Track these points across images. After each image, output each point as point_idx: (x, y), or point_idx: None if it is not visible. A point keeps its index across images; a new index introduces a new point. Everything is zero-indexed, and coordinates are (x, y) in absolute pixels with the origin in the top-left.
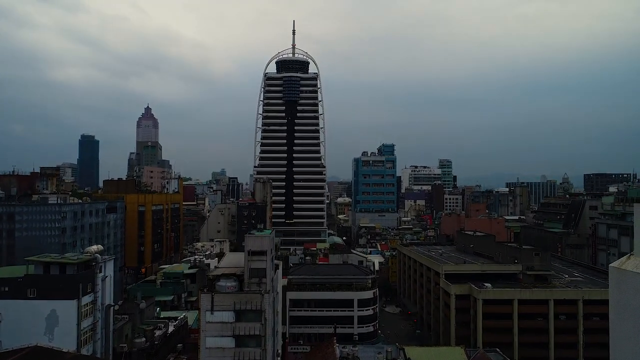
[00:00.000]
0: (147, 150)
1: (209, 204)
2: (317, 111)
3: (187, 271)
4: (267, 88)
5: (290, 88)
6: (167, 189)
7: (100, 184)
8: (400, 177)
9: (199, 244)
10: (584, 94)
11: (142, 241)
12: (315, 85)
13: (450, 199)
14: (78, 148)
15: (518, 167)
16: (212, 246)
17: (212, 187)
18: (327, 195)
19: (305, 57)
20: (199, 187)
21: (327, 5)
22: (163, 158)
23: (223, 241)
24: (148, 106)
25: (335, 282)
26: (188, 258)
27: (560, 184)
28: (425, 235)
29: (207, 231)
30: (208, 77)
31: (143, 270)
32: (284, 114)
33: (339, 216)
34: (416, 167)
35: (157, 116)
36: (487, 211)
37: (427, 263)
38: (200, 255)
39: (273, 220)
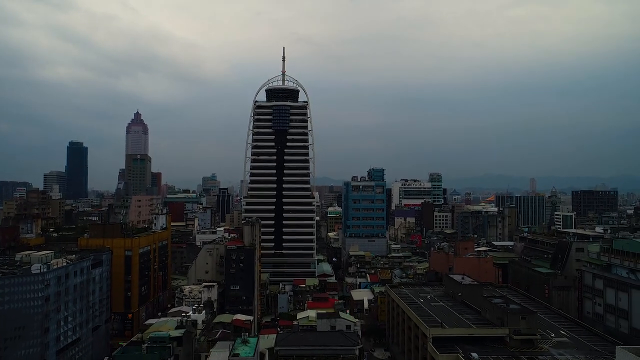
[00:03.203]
0: (137, 163)
1: (199, 224)
2: (306, 141)
3: (173, 333)
4: (256, 117)
5: (280, 117)
6: (155, 224)
7: (89, 195)
8: (390, 189)
9: (187, 289)
10: (575, 96)
11: (128, 286)
12: (305, 114)
13: (440, 216)
14: (66, 155)
15: (508, 168)
16: (200, 292)
17: (201, 204)
18: (318, 206)
19: (295, 84)
20: (188, 204)
21: (319, 5)
22: (152, 170)
23: (211, 286)
24: (138, 112)
25: (323, 355)
26: (176, 308)
27: (549, 197)
28: (414, 273)
29: (195, 272)
30: (199, 77)
31: (130, 315)
32: (273, 143)
33: (329, 234)
34: (406, 180)
35: (147, 117)
36: (474, 252)
37: (415, 320)
38: (188, 310)
39: (262, 251)
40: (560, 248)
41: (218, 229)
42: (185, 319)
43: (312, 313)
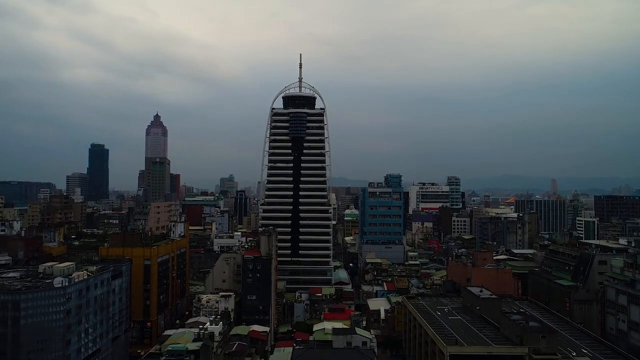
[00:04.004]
0: (156, 166)
1: (216, 228)
2: (323, 148)
3: (191, 346)
4: (273, 124)
5: (297, 124)
6: (174, 231)
7: (110, 196)
8: (407, 193)
9: (204, 298)
10: (595, 96)
11: (147, 295)
12: (322, 121)
13: (458, 221)
14: (88, 157)
15: (527, 169)
16: (217, 301)
17: (219, 207)
18: (334, 208)
19: (312, 92)
20: (206, 208)
21: (334, 5)
22: (172, 172)
23: (228, 296)
24: (157, 114)
25: None
26: (193, 319)
27: (571, 201)
28: (431, 283)
29: (212, 281)
30: (216, 78)
31: (148, 324)
32: (290, 151)
33: (346, 238)
34: (424, 184)
35: (164, 118)
36: (493, 262)
37: (432, 336)
38: (205, 321)
39: (279, 259)
40: (582, 260)
41: (235, 233)
42: (202, 331)
43: (328, 325)
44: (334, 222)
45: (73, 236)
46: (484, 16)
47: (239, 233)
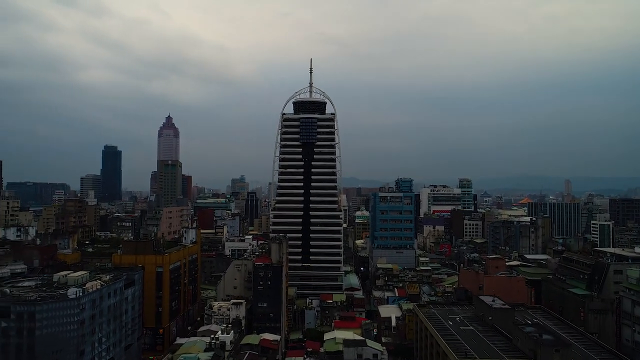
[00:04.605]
0: (168, 169)
1: (227, 231)
2: (333, 153)
3: (202, 356)
4: (284, 129)
5: (307, 129)
6: (185, 237)
7: (123, 196)
8: (419, 195)
9: (216, 306)
10: (613, 94)
11: (159, 302)
12: (332, 127)
13: (470, 225)
14: (101, 158)
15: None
16: (229, 309)
17: (230, 210)
18: (345, 210)
19: (322, 97)
20: (218, 210)
21: (347, 5)
22: (183, 173)
23: (239, 304)
24: (169, 115)
25: None
26: (205, 327)
27: (585, 204)
28: (443, 291)
29: (224, 287)
30: (228, 79)
31: (161, 331)
32: (300, 156)
33: (356, 241)
34: (435, 186)
35: (177, 118)
36: (506, 268)
37: (443, 347)
38: (217, 330)
39: (289, 264)
40: (597, 269)
41: (247, 236)
42: (214, 340)
43: (339, 335)
44: (344, 225)
45: (87, 242)
46: (500, 14)
47: (250, 236)
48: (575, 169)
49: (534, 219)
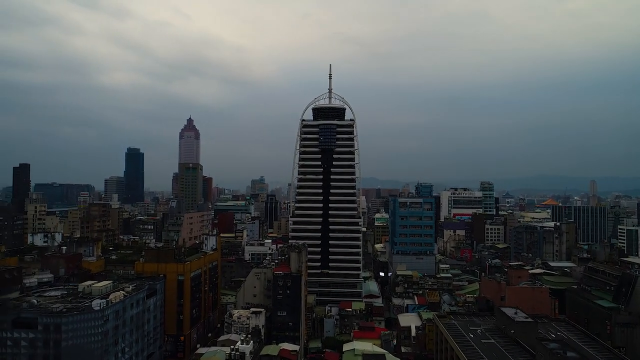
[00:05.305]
0: (189, 172)
1: (247, 235)
2: (353, 159)
3: None
4: (303, 136)
5: (327, 135)
6: (206, 244)
7: (145, 197)
8: (439, 198)
9: (236, 314)
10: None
11: (180, 309)
12: (352, 133)
13: (491, 229)
14: (124, 160)
15: (565, 168)
16: (248, 317)
17: (249, 213)
18: (364, 212)
19: (341, 102)
20: (237, 214)
21: (365, 5)
22: (204, 175)
23: (259, 312)
24: (190, 117)
25: None
26: (225, 336)
27: (612, 207)
28: (463, 301)
29: (243, 295)
30: (248, 80)
31: (182, 338)
32: (320, 162)
33: (376, 245)
34: (456, 189)
35: (197, 119)
36: (529, 277)
37: None
38: (237, 340)
39: (309, 271)
40: (624, 280)
41: (266, 240)
42: (233, 352)
43: (358, 346)
44: (364, 229)
45: (111, 247)
46: (522, 12)
47: (269, 240)
48: (600, 169)
49: (557, 224)
